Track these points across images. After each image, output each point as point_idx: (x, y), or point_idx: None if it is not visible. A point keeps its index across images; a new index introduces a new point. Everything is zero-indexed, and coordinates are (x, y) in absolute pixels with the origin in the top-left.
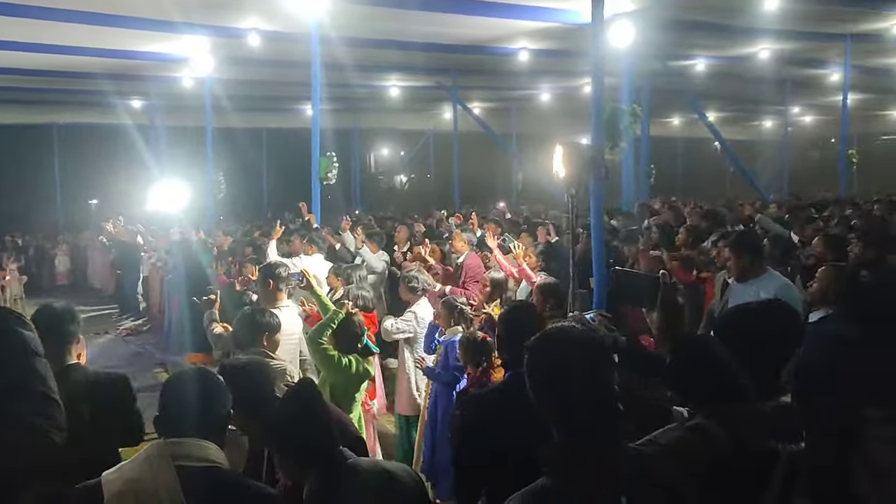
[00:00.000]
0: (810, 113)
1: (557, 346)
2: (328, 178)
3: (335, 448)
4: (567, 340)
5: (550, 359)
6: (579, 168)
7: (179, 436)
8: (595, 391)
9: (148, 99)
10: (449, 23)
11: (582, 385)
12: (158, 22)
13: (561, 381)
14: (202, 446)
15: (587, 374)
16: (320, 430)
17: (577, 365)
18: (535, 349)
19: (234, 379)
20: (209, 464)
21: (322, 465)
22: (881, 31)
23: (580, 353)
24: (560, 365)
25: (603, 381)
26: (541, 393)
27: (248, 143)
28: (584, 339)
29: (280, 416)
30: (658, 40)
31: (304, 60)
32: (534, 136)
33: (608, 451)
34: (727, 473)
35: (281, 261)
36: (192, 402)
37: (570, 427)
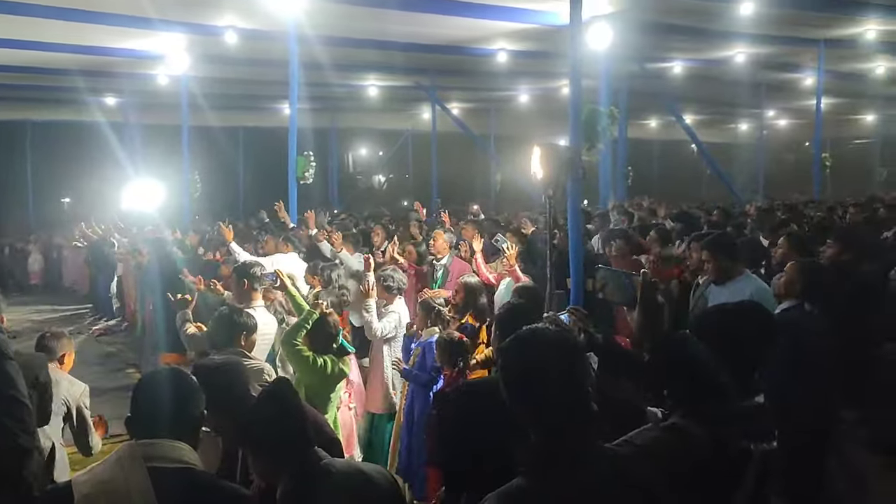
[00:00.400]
0: (785, 116)
1: (530, 347)
2: (305, 178)
3: (309, 448)
4: (540, 342)
5: (524, 360)
6: (557, 169)
7: (152, 437)
8: (569, 392)
9: (123, 96)
10: (427, 23)
11: (556, 386)
12: (134, 18)
13: (534, 383)
14: (175, 447)
15: (561, 376)
16: (294, 429)
17: (551, 366)
18: (508, 351)
19: (209, 379)
20: (182, 465)
21: (295, 466)
22: (854, 36)
23: (553, 355)
24: (533, 366)
25: (577, 381)
26: (515, 394)
27: (224, 142)
28: (557, 341)
29: (254, 416)
30: (636, 43)
31: (281, 59)
32: (512, 136)
33: (583, 452)
34: (704, 473)
35: (255, 260)
36: (165, 403)
37: (545, 428)
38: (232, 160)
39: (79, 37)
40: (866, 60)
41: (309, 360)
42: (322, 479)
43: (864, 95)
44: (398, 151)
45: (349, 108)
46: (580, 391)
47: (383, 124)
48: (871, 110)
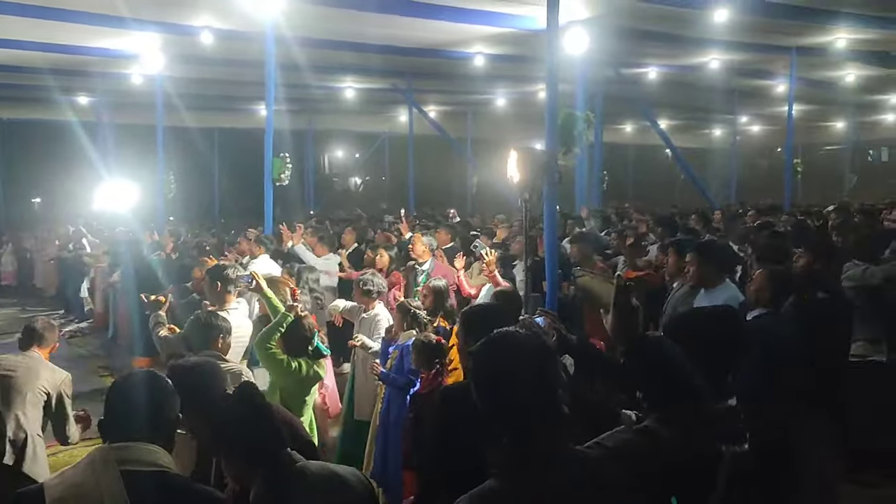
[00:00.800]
0: (758, 122)
1: (501, 350)
2: (281, 180)
3: (282, 450)
4: (510, 344)
5: (494, 363)
6: (533, 173)
7: (126, 440)
8: (539, 394)
9: (96, 96)
10: (405, 26)
11: (525, 389)
12: (107, 17)
13: (504, 385)
14: (149, 450)
15: (531, 378)
16: (267, 431)
17: (521, 369)
18: (479, 354)
19: (184, 380)
20: (157, 468)
21: (269, 468)
22: (825, 44)
23: (523, 357)
24: (503, 369)
25: (547, 384)
26: (485, 397)
27: (200, 143)
28: (527, 343)
29: (225, 417)
30: (612, 48)
31: (258, 60)
32: (489, 140)
33: (554, 454)
34: (675, 476)
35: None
36: (139, 406)
37: (515, 430)
38: (207, 161)
39: (51, 35)
40: (836, 68)
41: (283, 362)
42: (296, 482)
43: (835, 102)
44: (375, 154)
45: (326, 110)
46: (550, 394)
47: (360, 126)
48: (842, 117)
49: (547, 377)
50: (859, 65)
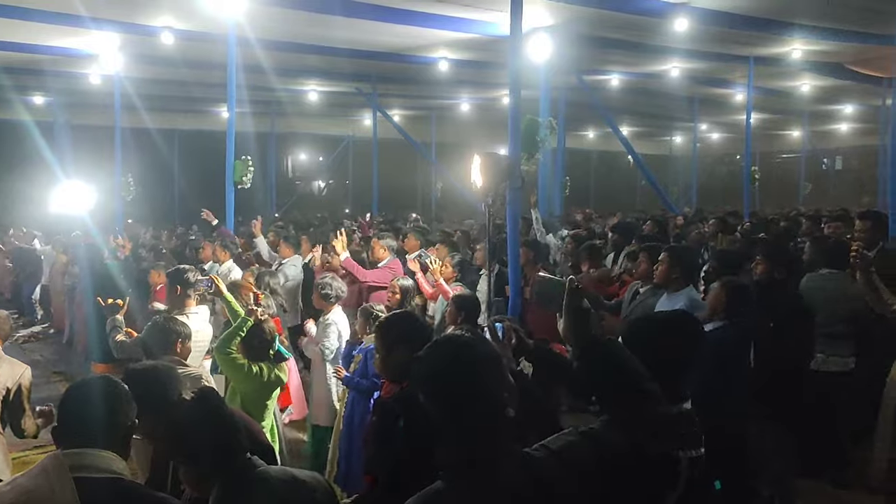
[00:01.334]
0: (717, 130)
1: (442, 354)
2: (243, 182)
3: (242, 455)
4: (454, 348)
5: (434, 366)
6: (496, 178)
7: (79, 446)
8: (481, 397)
9: (52, 95)
10: (369, 30)
11: (466, 391)
12: (63, 15)
13: (447, 388)
14: (103, 457)
15: (474, 381)
16: (226, 435)
17: (464, 371)
18: (423, 359)
19: (139, 384)
20: (110, 475)
21: (227, 473)
22: (781, 55)
23: (467, 360)
24: (444, 372)
25: (488, 387)
26: (430, 400)
27: (160, 145)
28: (471, 347)
29: (183, 421)
30: (575, 55)
31: (220, 62)
32: (453, 144)
33: (499, 456)
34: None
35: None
36: (93, 412)
37: (459, 433)
38: (168, 163)
39: (5, 33)
40: (793, 78)
41: (244, 367)
42: (255, 487)
43: (791, 112)
44: (339, 157)
45: (289, 113)
46: (494, 396)
47: (324, 129)
48: (797, 126)
49: (489, 380)
50: (814, 75)
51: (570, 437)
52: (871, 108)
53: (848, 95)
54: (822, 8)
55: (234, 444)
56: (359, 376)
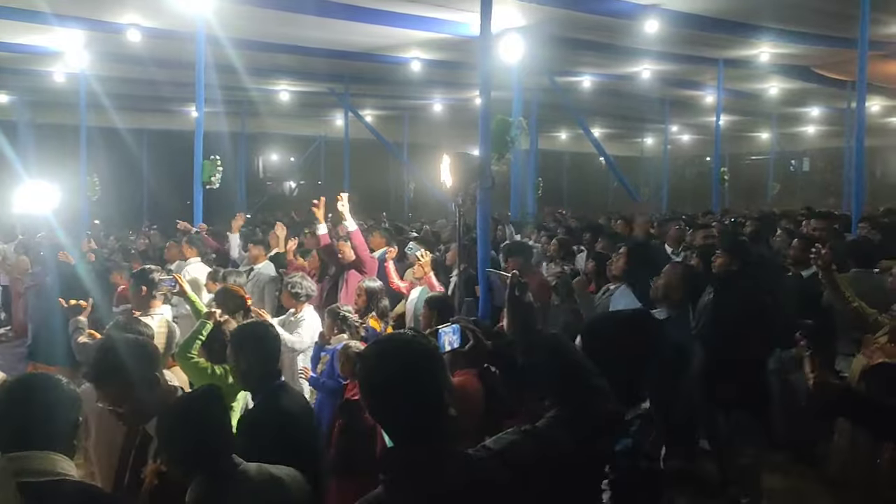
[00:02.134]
0: (687, 132)
1: (384, 354)
2: (212, 183)
3: (227, 453)
4: (392, 347)
5: (376, 367)
6: (466, 177)
7: (21, 449)
8: (421, 396)
9: (15, 93)
10: (341, 29)
11: (406, 390)
12: (27, 12)
13: (387, 388)
14: (47, 458)
15: (412, 380)
16: (218, 433)
17: (402, 371)
18: (364, 358)
19: (114, 350)
20: (55, 477)
21: (211, 469)
22: (750, 57)
23: (404, 359)
24: (386, 372)
25: (429, 386)
26: (371, 401)
27: (128, 144)
28: (410, 345)
29: (173, 414)
30: (546, 56)
31: (189, 60)
32: (425, 145)
33: (439, 457)
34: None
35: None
36: (34, 413)
37: (400, 432)
38: (136, 163)
39: None
40: (761, 81)
41: (206, 370)
42: (236, 484)
43: (760, 114)
44: (310, 157)
45: (260, 113)
46: (433, 395)
47: (295, 130)
48: (766, 128)
49: (429, 379)
50: (782, 78)
51: (512, 437)
52: (837, 111)
53: (815, 98)
54: (789, 11)
55: (224, 442)
56: (326, 377)
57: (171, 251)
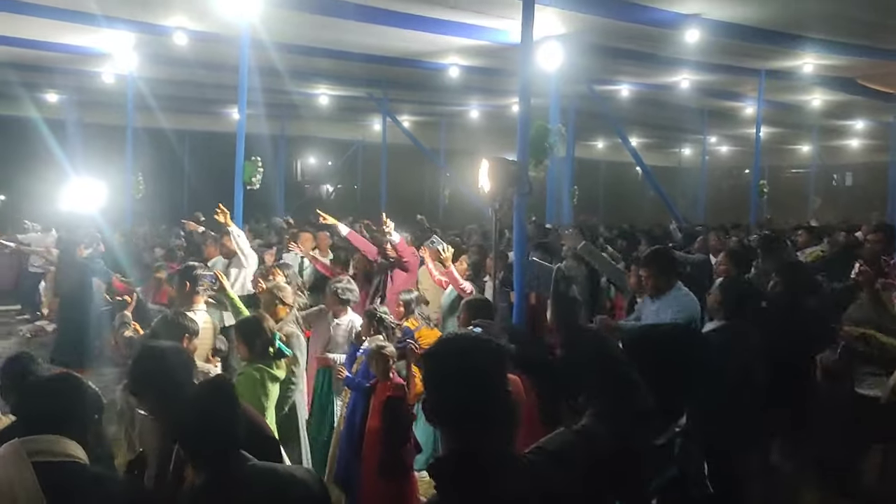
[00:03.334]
0: (726, 143)
1: (449, 352)
2: (252, 184)
3: (235, 449)
4: (459, 346)
5: (441, 364)
6: (504, 183)
7: (36, 434)
8: (484, 396)
9: (65, 93)
10: (381, 35)
11: (470, 390)
12: (77, 13)
13: (453, 387)
14: (60, 440)
15: (476, 379)
16: (223, 428)
17: (469, 369)
18: (429, 356)
19: (153, 359)
20: (68, 458)
21: (217, 464)
22: (792, 69)
23: (472, 358)
24: (452, 370)
25: (492, 386)
26: (432, 398)
27: (171, 144)
28: (476, 345)
29: (185, 408)
30: (585, 64)
31: (232, 63)
32: (462, 151)
33: (497, 461)
34: (614, 475)
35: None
36: (49, 403)
37: (459, 433)
38: (178, 163)
39: (17, 30)
40: (804, 93)
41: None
42: (240, 482)
43: (801, 126)
44: (347, 161)
45: (300, 116)
46: (496, 397)
47: (334, 134)
48: (808, 141)
49: (493, 380)
50: (825, 90)
51: (565, 437)
52: (882, 124)
53: (859, 111)
54: (835, 22)
55: (231, 438)
56: (361, 377)
57: (209, 251)
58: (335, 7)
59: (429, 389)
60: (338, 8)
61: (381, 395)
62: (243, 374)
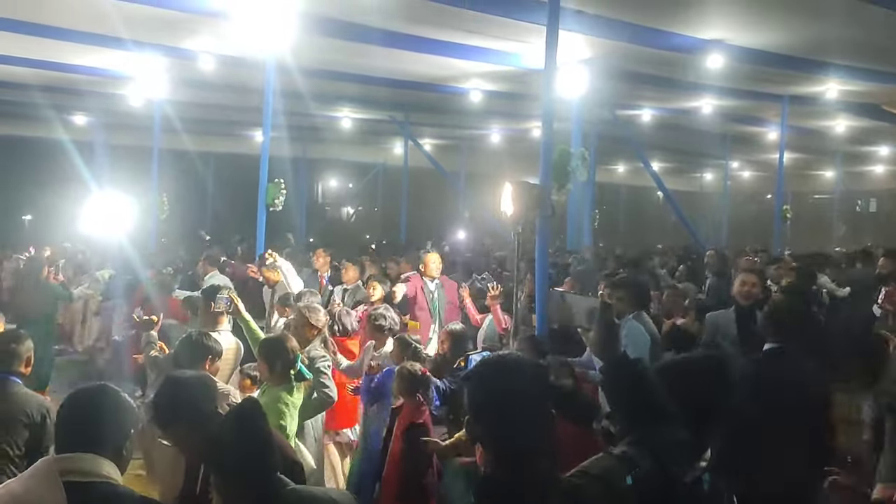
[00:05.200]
0: (748, 168)
1: (496, 373)
2: (275, 205)
3: (273, 474)
4: (508, 368)
5: (486, 386)
6: (527, 206)
7: (70, 451)
8: (528, 418)
9: (92, 115)
10: (404, 59)
11: (524, 412)
12: (103, 37)
13: (499, 408)
14: (93, 460)
15: (528, 402)
16: (259, 454)
17: (518, 391)
18: (474, 378)
19: (178, 391)
20: (99, 479)
21: (258, 491)
22: (816, 94)
23: (521, 380)
24: (500, 392)
25: (536, 408)
26: (475, 420)
27: (195, 166)
28: (523, 366)
29: (220, 436)
30: (607, 89)
31: (256, 87)
32: (482, 174)
33: (540, 484)
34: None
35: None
36: (90, 419)
37: (502, 455)
38: (202, 184)
39: (45, 52)
40: (827, 118)
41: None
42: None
43: (825, 152)
44: (368, 184)
45: (322, 139)
46: (542, 418)
47: (355, 156)
48: (831, 167)
49: (537, 403)
50: (849, 116)
51: (607, 461)
52: None
53: (883, 137)
54: (859, 48)
55: (267, 462)
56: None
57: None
58: (359, 32)
59: (472, 411)
60: (362, 33)
61: (405, 421)
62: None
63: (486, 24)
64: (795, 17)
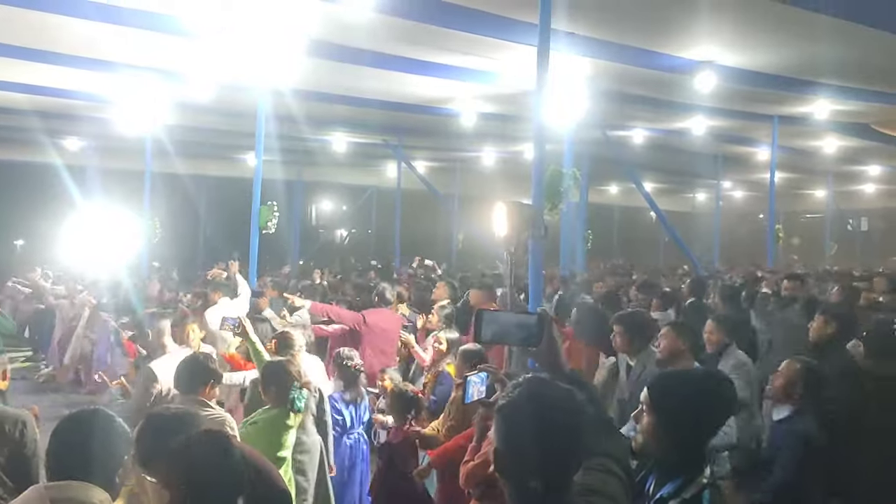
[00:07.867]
0: (740, 188)
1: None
2: (268, 228)
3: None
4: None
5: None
6: (519, 227)
7: (65, 478)
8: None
9: (85, 140)
10: (397, 81)
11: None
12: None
13: (523, 441)
14: (85, 488)
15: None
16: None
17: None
18: (506, 406)
19: (160, 429)
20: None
21: None
22: (806, 114)
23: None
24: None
25: (567, 443)
26: (502, 452)
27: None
28: (563, 393)
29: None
30: (599, 110)
31: (249, 111)
32: (476, 196)
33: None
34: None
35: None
36: (83, 444)
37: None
38: (194, 207)
39: (38, 77)
40: (817, 138)
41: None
42: None
43: (816, 171)
44: (362, 207)
45: (315, 162)
46: (571, 456)
47: (349, 179)
48: (822, 186)
49: (571, 438)
50: (840, 135)
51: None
52: None
53: (874, 156)
54: (849, 68)
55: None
56: None
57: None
58: (351, 54)
59: (499, 440)
60: (354, 55)
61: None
62: (256, 421)
63: (477, 46)
64: (785, 38)
